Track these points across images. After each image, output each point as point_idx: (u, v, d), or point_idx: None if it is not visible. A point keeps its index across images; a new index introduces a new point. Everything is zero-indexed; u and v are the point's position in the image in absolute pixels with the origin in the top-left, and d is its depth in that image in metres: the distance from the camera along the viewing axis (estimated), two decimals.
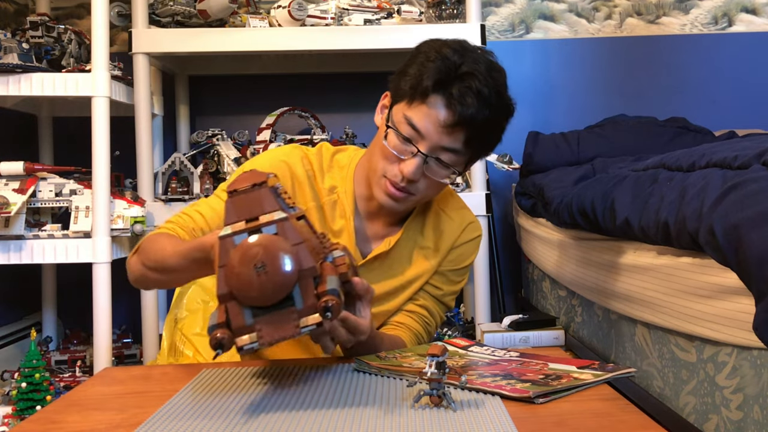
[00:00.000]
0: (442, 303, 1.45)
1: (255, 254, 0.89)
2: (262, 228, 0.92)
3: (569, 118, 2.66)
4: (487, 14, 2.73)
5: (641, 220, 1.31)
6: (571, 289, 1.85)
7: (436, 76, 1.20)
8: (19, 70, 1.93)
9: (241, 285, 0.88)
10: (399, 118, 1.25)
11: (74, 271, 2.11)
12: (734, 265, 1.01)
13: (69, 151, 2.50)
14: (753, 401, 1.02)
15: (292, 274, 0.89)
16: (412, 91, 1.23)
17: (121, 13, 2.33)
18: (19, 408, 1.68)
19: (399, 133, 1.24)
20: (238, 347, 0.89)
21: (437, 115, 1.21)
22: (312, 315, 0.90)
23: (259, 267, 0.88)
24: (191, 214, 1.31)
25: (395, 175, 1.25)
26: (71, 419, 0.97)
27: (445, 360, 0.94)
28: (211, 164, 2.28)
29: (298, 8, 2.18)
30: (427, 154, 1.23)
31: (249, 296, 0.89)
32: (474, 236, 1.44)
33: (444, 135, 1.22)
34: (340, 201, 1.35)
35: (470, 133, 1.22)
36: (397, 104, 1.27)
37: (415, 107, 1.23)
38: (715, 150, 1.28)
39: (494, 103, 1.22)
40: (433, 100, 1.21)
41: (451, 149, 1.24)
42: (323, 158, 1.38)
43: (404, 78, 1.25)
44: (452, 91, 1.20)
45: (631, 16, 2.77)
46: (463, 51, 1.24)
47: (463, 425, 0.87)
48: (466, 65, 1.21)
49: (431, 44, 1.27)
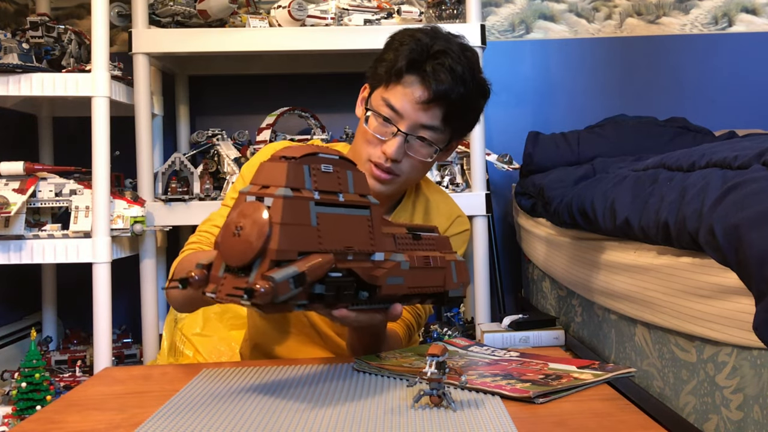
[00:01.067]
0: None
1: (239, 218, 0.95)
2: (265, 197, 0.96)
3: (569, 118, 2.66)
4: (487, 14, 2.73)
5: (641, 220, 1.31)
6: (571, 289, 1.85)
7: (409, 56, 1.25)
8: (19, 70, 1.93)
9: (222, 240, 0.95)
10: (378, 102, 1.29)
11: (74, 271, 2.11)
12: (734, 265, 1.01)
13: (69, 151, 2.50)
14: (753, 401, 1.02)
15: (255, 248, 0.93)
16: (388, 75, 1.27)
17: (121, 13, 2.33)
18: (19, 408, 1.68)
19: (379, 115, 1.28)
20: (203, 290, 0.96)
21: (413, 93, 1.25)
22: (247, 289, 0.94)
23: (236, 230, 0.94)
24: (209, 229, 1.35)
25: (379, 156, 1.29)
26: (71, 419, 0.97)
27: (445, 360, 0.94)
28: (211, 164, 2.28)
29: (298, 8, 2.18)
30: (407, 132, 1.27)
31: (223, 252, 0.95)
32: (462, 230, 1.47)
33: (421, 112, 1.26)
34: None
35: (447, 109, 1.26)
36: (376, 90, 1.31)
37: (392, 89, 1.27)
38: (715, 150, 1.28)
39: (468, 80, 1.27)
40: (408, 79, 1.25)
41: (430, 126, 1.27)
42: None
43: (380, 65, 1.30)
44: (426, 69, 1.24)
45: (631, 16, 2.77)
46: (434, 34, 1.29)
47: (463, 425, 0.87)
48: (438, 45, 1.26)
49: (404, 31, 1.32)
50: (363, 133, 1.31)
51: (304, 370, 1.15)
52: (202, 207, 2.16)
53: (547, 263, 2.08)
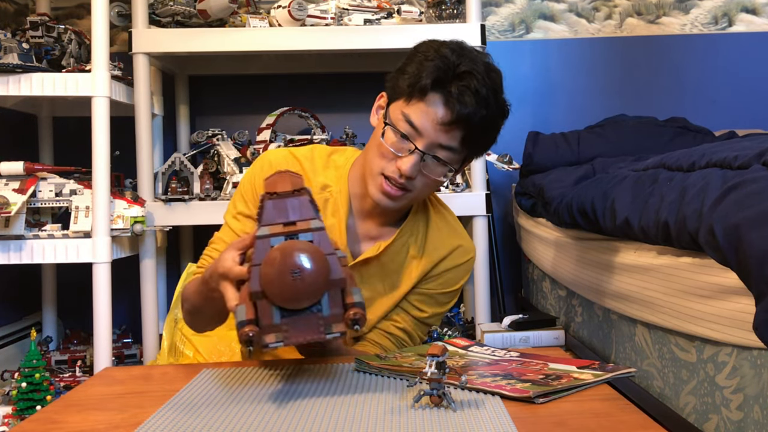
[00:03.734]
0: (424, 324, 1.43)
1: (292, 259, 0.92)
2: (299, 234, 0.96)
3: (569, 118, 2.66)
4: (487, 14, 2.73)
5: (641, 220, 1.31)
6: (571, 289, 1.85)
7: (434, 74, 1.21)
8: (19, 70, 1.93)
9: (275, 286, 0.92)
10: (397, 116, 1.26)
11: (74, 271, 2.11)
12: (734, 265, 1.01)
13: (69, 151, 2.50)
14: (753, 401, 1.02)
15: (324, 283, 0.93)
16: (411, 89, 1.23)
17: (121, 13, 2.33)
18: (19, 408, 1.68)
19: (397, 131, 1.25)
20: (264, 344, 0.93)
21: (435, 113, 1.22)
22: (337, 323, 0.95)
23: (295, 272, 0.91)
24: (211, 254, 1.36)
25: (393, 171, 1.26)
26: (71, 419, 0.97)
27: (445, 360, 0.94)
28: (211, 164, 2.28)
29: (298, 8, 2.18)
30: (424, 151, 1.24)
31: (281, 298, 0.93)
32: (465, 260, 1.42)
33: (441, 133, 1.23)
34: (333, 199, 1.35)
35: (467, 131, 1.24)
36: (395, 102, 1.28)
37: (414, 105, 1.24)
38: (715, 150, 1.28)
39: (491, 103, 1.24)
40: (431, 98, 1.22)
41: (448, 147, 1.25)
42: (316, 158, 1.39)
43: (402, 77, 1.26)
44: (451, 90, 1.21)
45: (631, 16, 2.77)
46: (461, 51, 1.25)
47: (463, 425, 0.87)
48: (465, 65, 1.22)
49: (430, 44, 1.28)
50: (378, 145, 1.28)
51: (304, 370, 1.15)
52: (202, 207, 2.16)
53: (547, 263, 2.08)
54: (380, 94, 1.34)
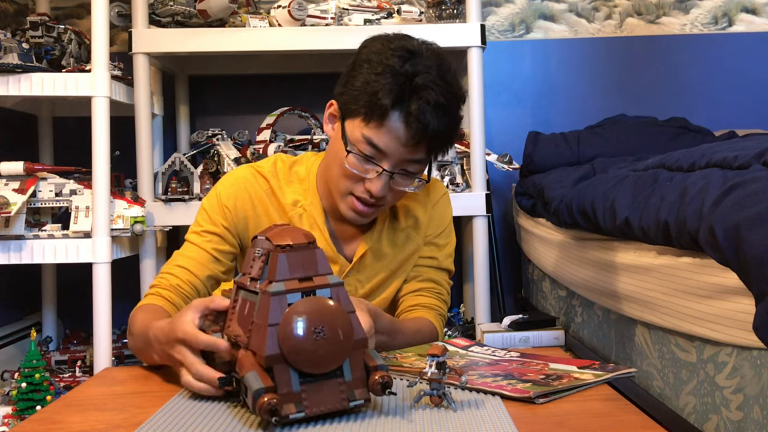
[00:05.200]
0: (443, 269, 1.46)
1: (316, 318, 0.86)
2: (317, 290, 0.89)
3: (569, 118, 2.66)
4: (487, 14, 2.73)
5: (641, 220, 1.31)
6: (571, 289, 1.85)
7: (391, 95, 1.17)
8: (19, 70, 1.93)
9: (296, 348, 0.85)
10: (357, 137, 1.22)
11: (74, 271, 2.11)
12: (734, 265, 1.01)
13: (69, 151, 2.50)
14: (753, 401, 1.02)
15: (349, 344, 0.87)
16: (368, 111, 1.19)
17: (121, 13, 2.33)
18: (19, 408, 1.68)
19: (360, 154, 1.22)
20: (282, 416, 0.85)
21: (398, 134, 1.19)
22: (359, 389, 0.89)
23: (318, 332, 0.85)
24: (171, 270, 1.30)
25: (362, 192, 1.25)
26: (71, 419, 0.97)
27: (446, 360, 0.94)
28: (211, 164, 2.28)
29: (298, 8, 2.18)
30: (391, 171, 1.23)
31: (303, 361, 0.85)
32: (440, 195, 1.45)
33: (407, 151, 1.21)
34: (307, 213, 1.34)
35: (432, 142, 1.22)
36: (351, 120, 1.24)
37: (374, 127, 1.20)
38: (715, 150, 1.28)
39: (453, 107, 1.22)
40: (391, 118, 1.19)
41: (414, 161, 1.24)
42: (279, 173, 1.37)
43: (352, 91, 1.22)
44: (411, 109, 1.17)
45: (631, 16, 2.77)
46: (409, 55, 1.20)
47: (464, 425, 0.87)
48: (420, 76, 1.18)
49: (375, 50, 1.23)
50: (340, 165, 1.25)
51: None
52: None
53: (547, 263, 2.08)
54: (330, 102, 1.31)
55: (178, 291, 1.28)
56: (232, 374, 0.94)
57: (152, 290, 1.29)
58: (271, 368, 0.86)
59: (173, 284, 1.29)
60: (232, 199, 1.33)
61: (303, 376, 0.86)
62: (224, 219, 1.32)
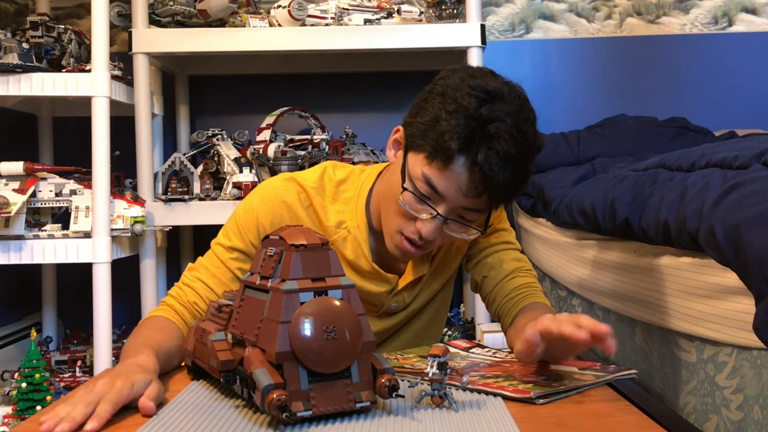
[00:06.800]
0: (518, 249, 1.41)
1: (328, 317, 0.86)
2: (329, 290, 0.90)
3: (569, 118, 2.65)
4: (487, 14, 2.73)
5: (641, 220, 1.31)
6: (571, 289, 1.85)
7: (460, 140, 1.09)
8: (19, 70, 1.93)
9: (307, 347, 0.85)
10: (417, 174, 1.15)
11: (74, 271, 2.11)
12: (734, 265, 1.01)
13: (69, 151, 2.49)
14: (753, 401, 1.02)
15: (358, 346, 0.88)
16: (432, 150, 1.12)
17: (121, 13, 2.33)
18: (19, 408, 1.68)
19: (416, 193, 1.15)
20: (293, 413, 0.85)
21: (459, 180, 1.11)
22: (365, 391, 0.89)
23: (329, 332, 0.85)
24: (192, 284, 1.25)
25: (412, 232, 1.18)
26: None
27: (447, 361, 0.94)
28: (211, 164, 2.28)
29: (298, 8, 2.18)
30: (445, 216, 1.16)
31: (313, 360, 0.86)
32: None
33: (467, 200, 1.14)
34: (351, 236, 1.27)
35: (494, 193, 1.14)
36: (414, 153, 1.16)
37: (436, 168, 1.12)
38: (715, 150, 1.28)
39: (524, 159, 1.14)
40: (456, 164, 1.11)
41: (472, 209, 1.16)
42: (326, 188, 1.29)
43: (420, 124, 1.15)
44: (477, 157, 1.09)
45: (631, 16, 2.77)
46: (488, 98, 1.12)
47: (465, 426, 0.88)
48: (494, 124, 1.10)
49: (452, 84, 1.14)
50: (395, 201, 1.18)
51: None
52: (202, 207, 2.16)
53: (547, 263, 2.08)
54: (396, 128, 1.24)
55: (193, 309, 1.23)
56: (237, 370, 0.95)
57: (169, 300, 1.25)
58: (280, 365, 0.86)
59: (191, 301, 1.23)
60: (269, 216, 1.25)
61: (311, 375, 0.87)
62: (256, 237, 1.24)
